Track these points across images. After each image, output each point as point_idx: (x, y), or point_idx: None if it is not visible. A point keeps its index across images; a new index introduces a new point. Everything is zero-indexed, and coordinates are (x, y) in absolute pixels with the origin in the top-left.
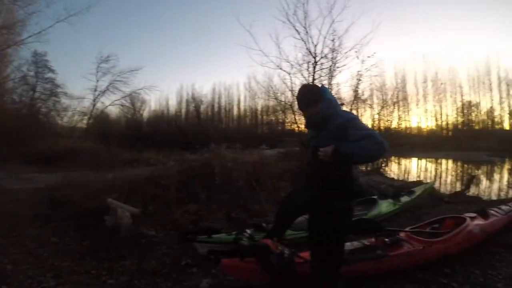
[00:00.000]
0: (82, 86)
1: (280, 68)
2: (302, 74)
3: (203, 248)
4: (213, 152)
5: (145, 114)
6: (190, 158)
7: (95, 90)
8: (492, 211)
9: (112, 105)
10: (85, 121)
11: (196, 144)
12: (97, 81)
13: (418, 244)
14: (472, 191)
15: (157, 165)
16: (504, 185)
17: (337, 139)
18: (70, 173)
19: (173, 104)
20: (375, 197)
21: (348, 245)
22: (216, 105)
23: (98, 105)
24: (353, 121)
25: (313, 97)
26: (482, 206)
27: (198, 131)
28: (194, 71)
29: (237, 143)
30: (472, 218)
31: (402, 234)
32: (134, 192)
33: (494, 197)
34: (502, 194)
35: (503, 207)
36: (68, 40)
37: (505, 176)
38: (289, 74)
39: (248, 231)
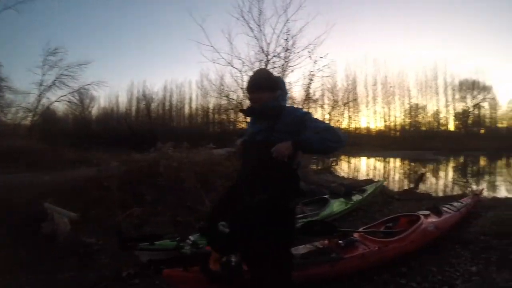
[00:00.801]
0: (27, 80)
1: (232, 66)
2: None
3: (145, 256)
4: (160, 151)
5: (94, 111)
6: (137, 158)
7: (41, 84)
8: (444, 208)
9: (58, 101)
10: (29, 118)
11: (146, 143)
12: (43, 75)
13: (373, 244)
14: (422, 188)
15: (102, 166)
16: (450, 182)
17: (293, 134)
18: (7, 175)
19: (123, 101)
20: (326, 196)
21: (301, 249)
22: (167, 103)
23: (44, 101)
24: (310, 115)
25: (273, 82)
26: (432, 203)
27: (149, 129)
28: (145, 68)
29: (187, 142)
30: (426, 216)
31: (356, 235)
32: (74, 195)
33: (442, 194)
34: (449, 190)
35: (455, 203)
36: (13, 30)
37: (450, 173)
38: (241, 72)
39: (191, 237)
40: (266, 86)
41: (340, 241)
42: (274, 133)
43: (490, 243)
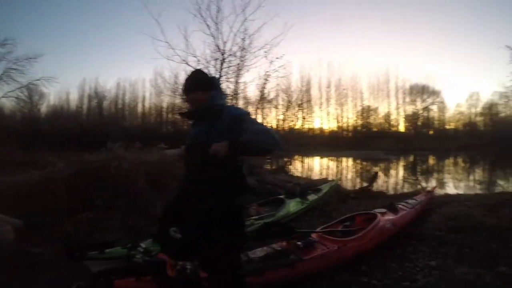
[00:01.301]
0: None
1: (186, 63)
2: (208, 71)
3: (96, 266)
4: (111, 151)
5: (43, 109)
6: (87, 159)
7: None
8: (400, 206)
9: (5, 97)
10: None
11: (97, 142)
12: None
13: (332, 244)
14: (376, 187)
15: (50, 168)
16: (402, 180)
17: (232, 134)
18: None
19: (74, 98)
20: (282, 196)
21: (258, 252)
22: (120, 102)
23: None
24: (249, 115)
25: (205, 82)
26: (387, 201)
27: (100, 128)
28: (98, 64)
29: (139, 142)
30: (383, 214)
31: (314, 235)
32: (19, 201)
33: (396, 192)
34: (402, 188)
35: (410, 201)
36: None
37: (402, 172)
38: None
39: (143, 244)
40: (198, 87)
41: (299, 242)
42: (214, 134)
43: (446, 237)
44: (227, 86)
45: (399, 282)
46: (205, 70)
